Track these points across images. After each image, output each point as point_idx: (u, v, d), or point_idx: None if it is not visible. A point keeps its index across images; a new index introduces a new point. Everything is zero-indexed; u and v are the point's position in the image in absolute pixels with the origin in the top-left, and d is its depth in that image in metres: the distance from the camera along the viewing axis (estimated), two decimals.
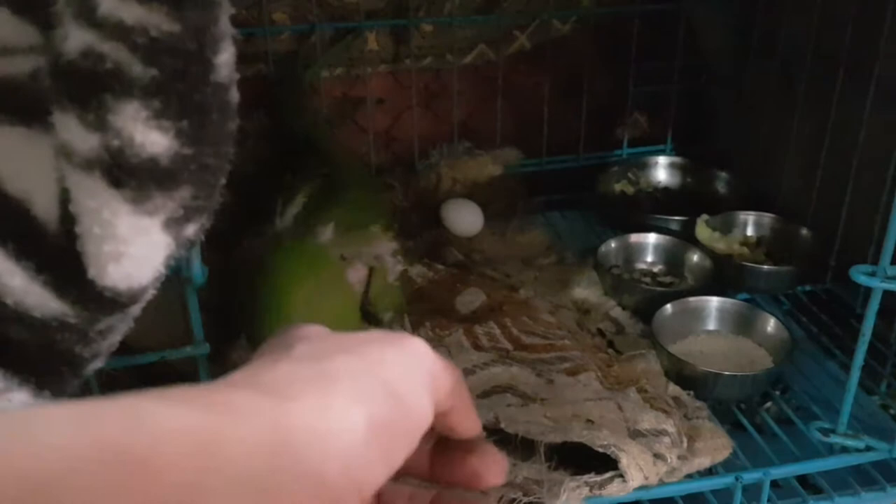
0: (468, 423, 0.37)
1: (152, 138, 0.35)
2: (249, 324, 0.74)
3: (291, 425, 0.28)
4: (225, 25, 0.35)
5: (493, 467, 0.38)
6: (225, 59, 0.35)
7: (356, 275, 0.78)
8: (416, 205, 1.08)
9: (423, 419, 0.33)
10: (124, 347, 0.59)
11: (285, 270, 0.71)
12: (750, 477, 0.66)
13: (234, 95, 0.37)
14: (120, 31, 0.33)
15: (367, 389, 0.31)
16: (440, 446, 0.38)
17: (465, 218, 1.04)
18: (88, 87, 0.34)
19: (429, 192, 1.10)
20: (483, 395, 0.73)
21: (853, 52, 0.89)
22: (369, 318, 0.81)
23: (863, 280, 0.60)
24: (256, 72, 1.03)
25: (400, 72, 1.11)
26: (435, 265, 0.92)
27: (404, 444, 0.32)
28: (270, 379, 0.30)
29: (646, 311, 0.86)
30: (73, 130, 0.35)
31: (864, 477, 0.71)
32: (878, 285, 0.60)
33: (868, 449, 0.68)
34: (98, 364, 0.42)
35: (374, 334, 0.36)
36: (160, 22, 0.33)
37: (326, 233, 0.75)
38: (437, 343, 0.80)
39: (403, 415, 0.32)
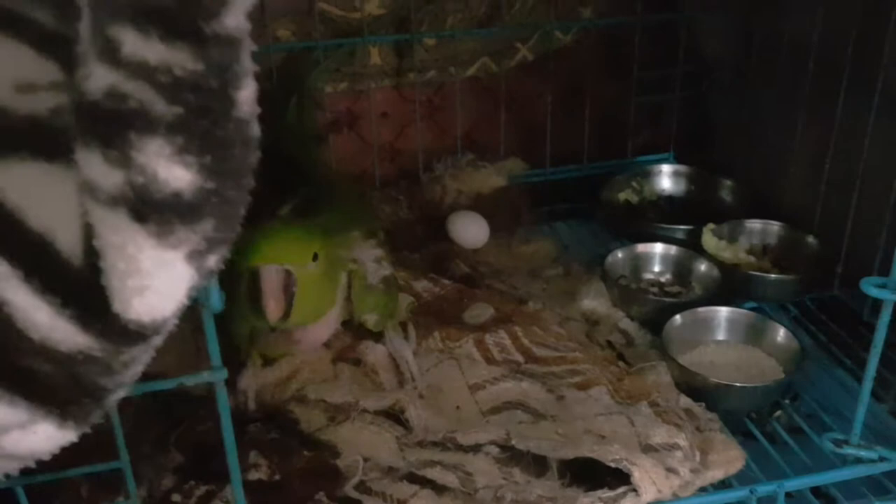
0: None
1: (176, 174, 0.35)
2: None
3: None
4: (247, 62, 0.35)
5: None
6: (246, 95, 0.35)
7: None
8: (421, 218, 1.08)
9: None
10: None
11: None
12: (764, 489, 0.66)
13: (256, 129, 0.37)
14: (144, 71, 0.33)
15: None
16: None
17: (470, 230, 1.04)
18: (112, 126, 0.34)
19: (433, 204, 1.10)
20: (493, 412, 0.74)
21: (856, 60, 0.89)
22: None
23: (874, 293, 0.60)
24: (260, 89, 1.03)
25: (403, 86, 1.12)
26: (441, 280, 0.92)
27: None
28: None
29: (654, 321, 0.87)
30: (96, 168, 0.35)
31: (876, 486, 0.71)
32: (890, 297, 0.60)
33: (882, 459, 0.68)
34: (121, 394, 0.43)
35: None
36: (184, 61, 0.33)
37: None
38: (447, 355, 0.81)
39: None
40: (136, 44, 0.33)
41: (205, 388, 0.60)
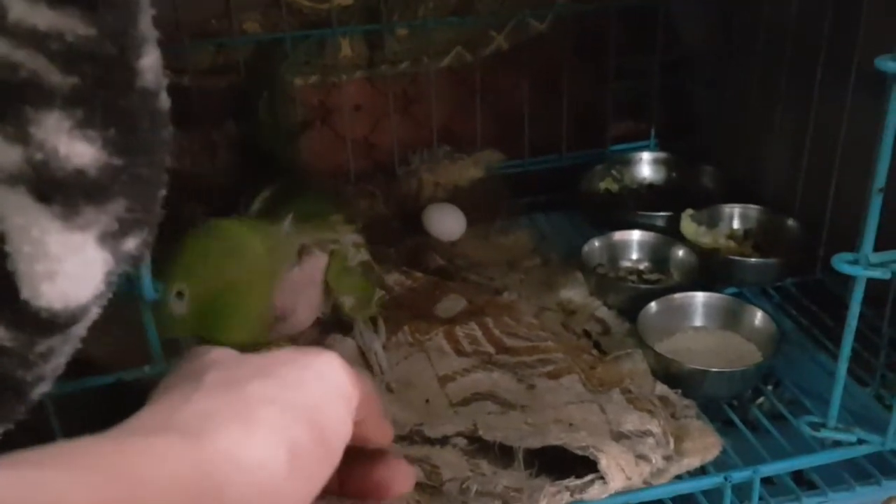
0: (380, 433, 0.38)
1: (77, 149, 0.33)
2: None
3: (213, 465, 0.27)
4: (146, 28, 0.33)
5: (399, 476, 0.38)
6: (149, 63, 0.33)
7: (316, 263, 0.77)
8: (398, 211, 1.07)
9: (342, 437, 0.33)
10: (92, 369, 0.57)
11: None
12: (739, 476, 0.64)
13: (165, 102, 0.35)
14: (33, 38, 0.31)
15: (288, 417, 0.30)
16: (347, 457, 0.38)
17: (447, 222, 1.02)
18: (6, 99, 0.32)
19: (410, 197, 1.08)
20: (463, 403, 0.72)
21: (833, 42, 0.87)
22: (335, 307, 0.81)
23: (845, 269, 0.58)
24: (229, 82, 1.01)
25: (376, 78, 1.10)
26: (413, 273, 0.90)
27: (327, 466, 0.32)
28: (185, 417, 0.30)
29: (632, 309, 0.84)
30: None
31: (859, 470, 0.69)
32: (862, 273, 0.58)
33: (860, 442, 0.66)
34: (45, 388, 0.41)
35: (287, 353, 0.35)
36: (74, 26, 0.31)
37: (285, 225, 0.74)
38: (417, 348, 0.79)
39: (324, 437, 0.32)
40: (24, 9, 0.31)
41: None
